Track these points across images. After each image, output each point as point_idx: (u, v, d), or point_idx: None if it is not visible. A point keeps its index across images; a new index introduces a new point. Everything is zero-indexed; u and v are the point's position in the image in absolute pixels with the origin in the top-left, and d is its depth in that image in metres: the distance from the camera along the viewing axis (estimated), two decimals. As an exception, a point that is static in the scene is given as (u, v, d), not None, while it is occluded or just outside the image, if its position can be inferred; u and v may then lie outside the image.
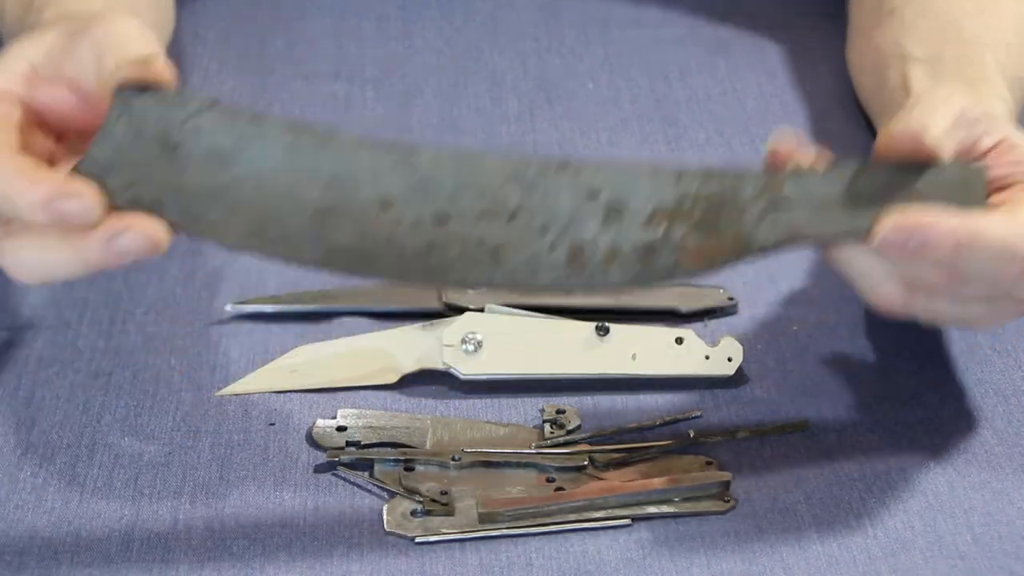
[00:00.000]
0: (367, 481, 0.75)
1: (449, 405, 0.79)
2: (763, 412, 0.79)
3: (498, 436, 0.77)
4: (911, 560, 0.71)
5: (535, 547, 0.72)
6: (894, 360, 0.82)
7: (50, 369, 0.81)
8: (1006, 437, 0.77)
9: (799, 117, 1.01)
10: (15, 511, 0.73)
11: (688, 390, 0.80)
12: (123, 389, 0.80)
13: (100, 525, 0.72)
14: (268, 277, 0.87)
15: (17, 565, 0.70)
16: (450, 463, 0.75)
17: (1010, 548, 0.71)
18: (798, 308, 0.85)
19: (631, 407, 0.79)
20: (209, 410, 0.79)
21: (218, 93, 1.03)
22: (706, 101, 1.03)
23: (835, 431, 0.78)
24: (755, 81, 1.04)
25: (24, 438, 0.77)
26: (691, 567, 0.71)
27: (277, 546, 0.71)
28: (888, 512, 0.73)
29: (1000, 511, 0.73)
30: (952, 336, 0.83)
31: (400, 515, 0.73)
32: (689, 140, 0.99)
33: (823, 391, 0.80)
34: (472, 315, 0.81)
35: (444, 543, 0.72)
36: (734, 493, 0.74)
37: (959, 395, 0.80)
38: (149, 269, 0.88)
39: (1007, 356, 0.82)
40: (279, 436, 0.77)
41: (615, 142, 0.99)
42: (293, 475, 0.75)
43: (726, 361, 0.80)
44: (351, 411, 0.78)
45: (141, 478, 0.75)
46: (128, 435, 0.77)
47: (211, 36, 1.10)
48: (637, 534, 0.72)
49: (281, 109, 1.02)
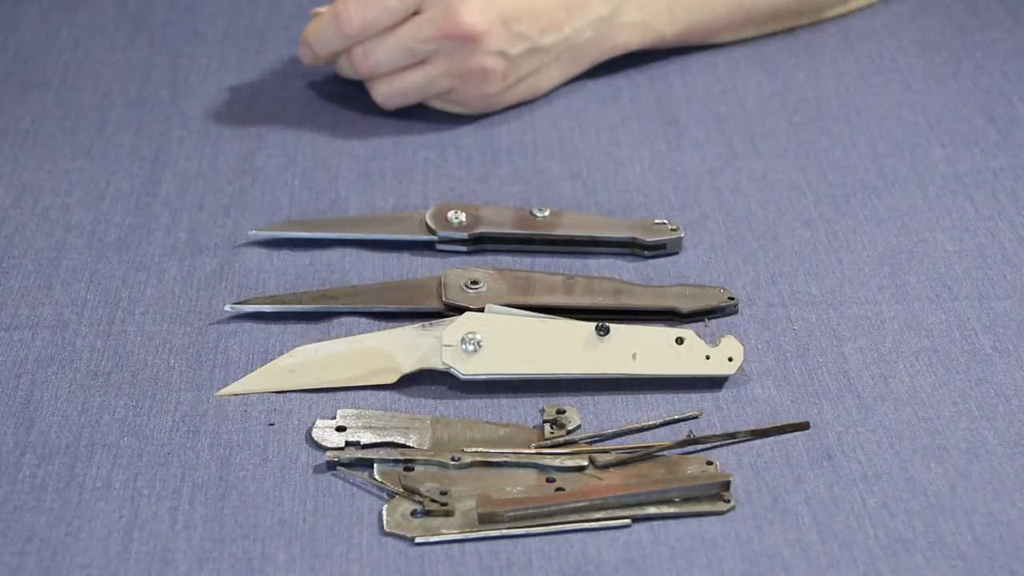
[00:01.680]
0: (366, 481, 0.75)
1: (449, 405, 0.79)
2: (763, 412, 0.79)
3: (498, 436, 0.77)
4: (911, 560, 0.71)
5: (535, 547, 0.72)
6: (894, 360, 0.82)
7: (49, 369, 0.81)
8: (1007, 437, 0.77)
9: (799, 117, 1.01)
10: (15, 511, 0.73)
11: (688, 390, 0.80)
12: (122, 389, 0.80)
13: (99, 525, 0.72)
14: (268, 277, 0.87)
15: (17, 565, 0.70)
16: (450, 463, 0.75)
17: (1011, 548, 0.71)
18: (798, 308, 0.85)
19: (631, 407, 0.79)
20: (208, 410, 0.79)
21: (218, 93, 1.03)
22: (706, 100, 1.03)
23: (835, 431, 0.78)
24: (755, 81, 1.04)
25: (23, 438, 0.77)
26: (691, 567, 0.70)
27: (277, 546, 0.71)
28: (888, 512, 0.73)
29: (1001, 511, 0.73)
30: (952, 336, 0.83)
31: (400, 515, 0.73)
32: (689, 139, 0.99)
33: (823, 391, 0.80)
34: (472, 315, 0.81)
35: (444, 543, 0.72)
36: (734, 493, 0.74)
37: (959, 395, 0.80)
38: (149, 269, 0.88)
39: (1007, 356, 0.82)
40: (278, 436, 0.77)
41: (615, 141, 0.99)
42: (292, 475, 0.75)
43: (726, 361, 0.80)
44: (351, 411, 0.78)
45: (140, 478, 0.75)
46: (127, 435, 0.77)
47: (211, 36, 1.10)
48: (637, 534, 0.72)
49: (281, 109, 1.02)
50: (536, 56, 0.98)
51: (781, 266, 0.88)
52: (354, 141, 0.99)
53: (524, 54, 0.97)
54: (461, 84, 0.97)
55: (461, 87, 0.97)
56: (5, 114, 1.01)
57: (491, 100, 0.99)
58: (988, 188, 0.94)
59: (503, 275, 0.86)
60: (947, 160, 0.97)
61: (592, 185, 0.95)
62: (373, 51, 0.96)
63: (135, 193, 0.94)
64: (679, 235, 0.89)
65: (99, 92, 1.04)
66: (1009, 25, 1.10)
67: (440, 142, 0.98)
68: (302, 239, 0.90)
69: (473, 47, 0.95)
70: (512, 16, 0.96)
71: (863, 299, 0.86)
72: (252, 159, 0.97)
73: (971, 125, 1.00)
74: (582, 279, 0.86)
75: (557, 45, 0.99)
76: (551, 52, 0.99)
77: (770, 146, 0.98)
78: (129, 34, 1.10)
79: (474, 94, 0.98)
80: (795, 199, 0.94)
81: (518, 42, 0.97)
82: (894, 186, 0.95)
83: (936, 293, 0.86)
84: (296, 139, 0.99)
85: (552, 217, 0.90)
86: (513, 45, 0.96)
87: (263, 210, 0.93)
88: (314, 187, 0.95)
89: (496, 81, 0.97)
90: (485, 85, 0.97)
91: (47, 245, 0.89)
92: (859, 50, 1.07)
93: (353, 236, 0.90)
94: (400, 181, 0.95)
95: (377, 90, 0.98)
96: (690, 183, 0.95)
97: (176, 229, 0.91)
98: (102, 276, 0.87)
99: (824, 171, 0.96)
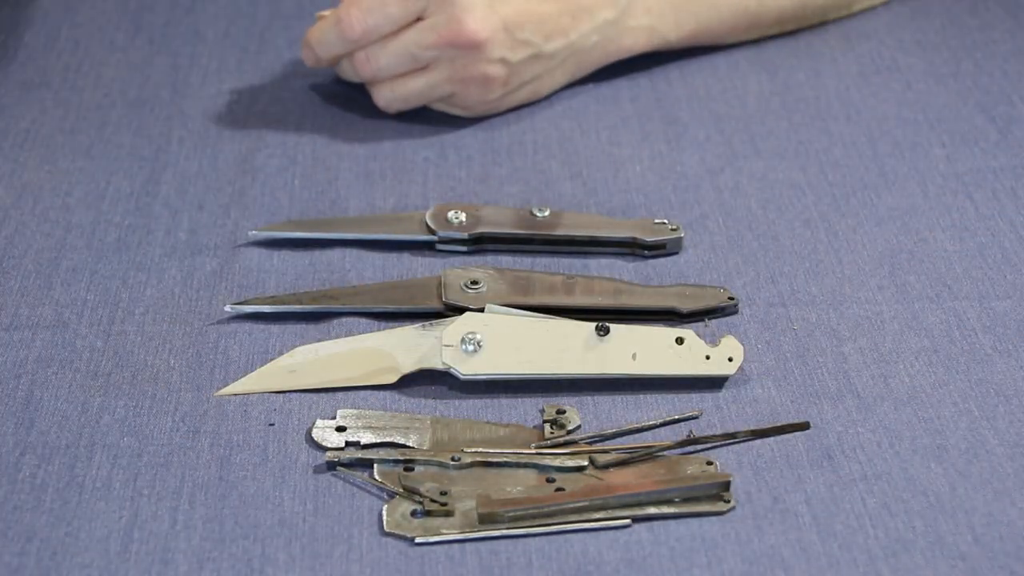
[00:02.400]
0: (366, 481, 0.75)
1: (449, 405, 0.79)
2: (763, 412, 0.79)
3: (498, 436, 0.77)
4: (912, 560, 0.71)
5: (535, 547, 0.72)
6: (894, 360, 0.82)
7: (49, 369, 0.81)
8: (1007, 437, 0.77)
9: (799, 117, 1.01)
10: (14, 511, 0.73)
11: (688, 390, 0.80)
12: (122, 389, 0.80)
13: (99, 525, 0.72)
14: (267, 277, 0.87)
15: (17, 565, 0.70)
16: (450, 463, 0.75)
17: (1011, 548, 0.71)
18: (798, 308, 0.85)
19: (631, 407, 0.79)
20: (208, 410, 0.79)
21: (218, 93, 1.03)
22: (706, 100, 1.03)
23: (835, 431, 0.78)
24: (755, 81, 1.04)
25: (23, 438, 0.77)
26: (691, 567, 0.70)
27: (277, 546, 0.71)
28: (888, 512, 0.73)
29: (1001, 511, 0.73)
30: (952, 336, 0.83)
31: (400, 515, 0.73)
32: (689, 139, 0.99)
33: (823, 391, 0.80)
34: (472, 315, 0.81)
35: (444, 543, 0.72)
36: (734, 493, 0.74)
37: (959, 395, 0.80)
38: (149, 269, 0.88)
39: (1007, 356, 0.82)
40: (278, 436, 0.77)
41: (615, 141, 0.99)
42: (292, 475, 0.75)
43: (726, 361, 0.80)
44: (350, 411, 0.78)
45: (140, 478, 0.75)
46: (127, 435, 0.77)
47: (211, 36, 1.10)
48: (637, 534, 0.72)
49: (281, 109, 1.02)
50: (539, 62, 0.98)
51: (781, 266, 0.88)
52: (354, 141, 0.99)
53: (527, 60, 0.98)
54: (463, 89, 0.97)
55: (463, 92, 0.98)
56: (5, 114, 1.01)
57: (492, 105, 0.99)
58: (988, 188, 0.94)
59: (503, 275, 0.86)
60: (947, 160, 0.97)
61: (592, 185, 0.95)
62: (375, 56, 0.96)
63: (135, 193, 0.94)
64: (679, 235, 0.89)
65: (99, 92, 1.04)
66: (1009, 25, 1.10)
67: (440, 142, 0.98)
68: (302, 239, 0.90)
69: (476, 54, 0.95)
70: (515, 23, 0.96)
71: (863, 299, 0.86)
72: (252, 159, 0.97)
73: (971, 125, 1.00)
74: (582, 279, 0.86)
75: (561, 51, 0.99)
76: (555, 58, 0.99)
77: (770, 146, 0.98)
78: (129, 34, 1.10)
79: (476, 99, 0.98)
80: (795, 199, 0.94)
81: (520, 49, 0.97)
82: (894, 186, 0.95)
83: (936, 293, 0.86)
84: (296, 139, 0.99)
85: (552, 217, 0.90)
86: (515, 52, 0.97)
87: (263, 210, 0.93)
88: (314, 187, 0.95)
89: (497, 87, 0.98)
90: (487, 91, 0.98)
91: (47, 245, 0.89)
92: (859, 50, 1.07)
93: (353, 236, 0.90)
94: (400, 181, 0.95)
95: (379, 94, 0.98)
96: (690, 183, 0.95)
97: (176, 229, 0.91)
98: (102, 276, 0.87)
99: (824, 171, 0.96)
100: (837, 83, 1.04)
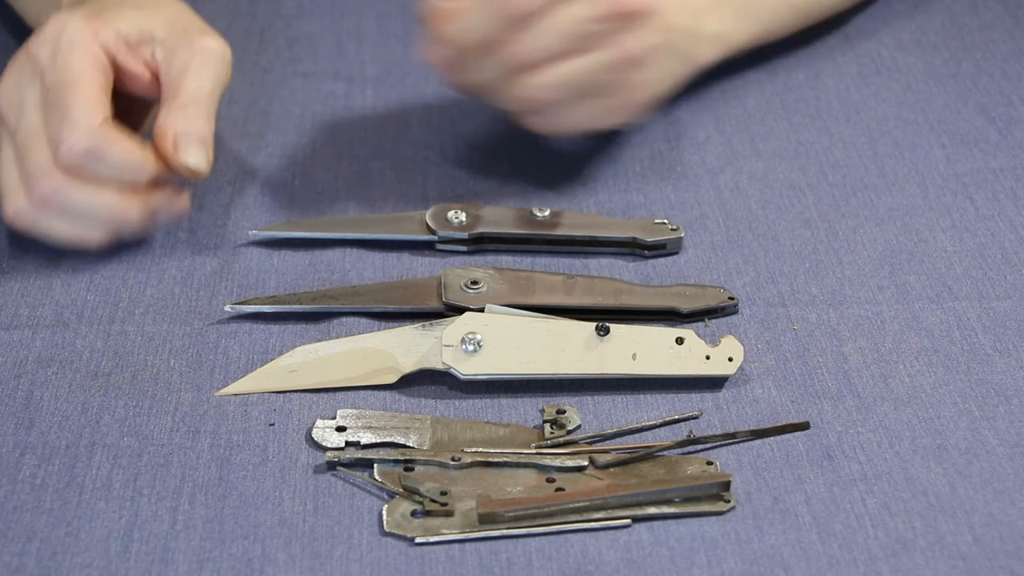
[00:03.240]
0: (367, 481, 0.75)
1: (449, 405, 0.79)
2: (763, 412, 0.79)
3: (498, 436, 0.77)
4: (911, 560, 0.71)
5: (535, 547, 0.72)
6: (894, 360, 0.82)
7: (48, 369, 0.81)
8: (1007, 437, 0.77)
9: (799, 117, 1.01)
10: (14, 511, 0.73)
11: (688, 390, 0.80)
12: (122, 389, 0.80)
13: (99, 525, 0.72)
14: (267, 277, 0.87)
15: (17, 565, 0.70)
16: (450, 463, 0.75)
17: (1011, 548, 0.71)
18: (798, 308, 0.85)
19: (631, 407, 0.79)
20: (208, 410, 0.79)
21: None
22: (706, 100, 1.02)
23: (835, 431, 0.78)
24: (755, 80, 1.04)
25: (23, 438, 0.77)
26: (691, 567, 0.70)
27: (277, 546, 0.71)
28: (888, 512, 0.73)
29: (1001, 511, 0.73)
30: (952, 336, 0.83)
31: (400, 515, 0.73)
32: (689, 139, 0.99)
33: (823, 391, 0.80)
34: (472, 315, 0.81)
35: (444, 543, 0.72)
36: (734, 493, 0.74)
37: (959, 395, 0.80)
38: (148, 269, 0.88)
39: (1007, 356, 0.82)
40: (278, 436, 0.77)
41: (615, 141, 0.99)
42: (292, 475, 0.75)
43: (727, 361, 0.80)
44: (351, 411, 0.78)
45: (140, 478, 0.75)
46: (127, 435, 0.77)
47: (211, 36, 1.09)
48: (637, 534, 0.72)
49: (281, 109, 1.02)
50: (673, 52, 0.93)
51: (781, 266, 0.88)
52: (354, 141, 0.99)
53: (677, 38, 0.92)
54: (622, 76, 0.87)
55: (620, 81, 0.88)
56: (5, 114, 1.01)
57: (643, 99, 0.91)
58: (988, 188, 0.94)
59: (503, 275, 0.86)
60: (947, 160, 0.97)
61: (592, 185, 0.95)
62: (528, 36, 0.85)
63: (135, 193, 0.94)
64: (679, 235, 0.89)
65: (99, 92, 1.03)
66: (1009, 25, 1.10)
67: (440, 142, 0.98)
68: (302, 239, 0.90)
69: (640, 26, 0.87)
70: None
71: (863, 299, 0.86)
72: (252, 159, 0.97)
73: (971, 125, 1.00)
74: (582, 279, 0.86)
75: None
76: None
77: (770, 146, 0.98)
78: (129, 34, 1.10)
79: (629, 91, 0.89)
80: (795, 199, 0.94)
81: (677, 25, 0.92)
82: (894, 186, 0.95)
83: (936, 293, 0.86)
84: (296, 139, 0.99)
85: (552, 217, 0.90)
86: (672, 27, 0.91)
87: (263, 210, 0.93)
88: (314, 187, 0.95)
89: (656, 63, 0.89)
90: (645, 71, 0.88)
91: (47, 245, 0.89)
92: (859, 50, 1.07)
93: (353, 236, 0.90)
94: (400, 181, 0.95)
95: (525, 85, 0.87)
96: (690, 183, 0.95)
97: (176, 229, 0.91)
98: (102, 276, 0.87)
99: (824, 171, 0.96)
100: (837, 83, 1.04)
